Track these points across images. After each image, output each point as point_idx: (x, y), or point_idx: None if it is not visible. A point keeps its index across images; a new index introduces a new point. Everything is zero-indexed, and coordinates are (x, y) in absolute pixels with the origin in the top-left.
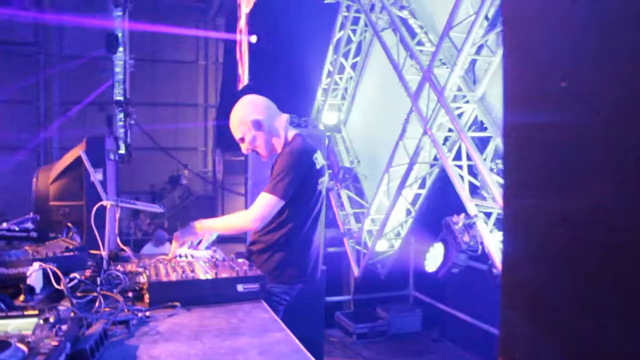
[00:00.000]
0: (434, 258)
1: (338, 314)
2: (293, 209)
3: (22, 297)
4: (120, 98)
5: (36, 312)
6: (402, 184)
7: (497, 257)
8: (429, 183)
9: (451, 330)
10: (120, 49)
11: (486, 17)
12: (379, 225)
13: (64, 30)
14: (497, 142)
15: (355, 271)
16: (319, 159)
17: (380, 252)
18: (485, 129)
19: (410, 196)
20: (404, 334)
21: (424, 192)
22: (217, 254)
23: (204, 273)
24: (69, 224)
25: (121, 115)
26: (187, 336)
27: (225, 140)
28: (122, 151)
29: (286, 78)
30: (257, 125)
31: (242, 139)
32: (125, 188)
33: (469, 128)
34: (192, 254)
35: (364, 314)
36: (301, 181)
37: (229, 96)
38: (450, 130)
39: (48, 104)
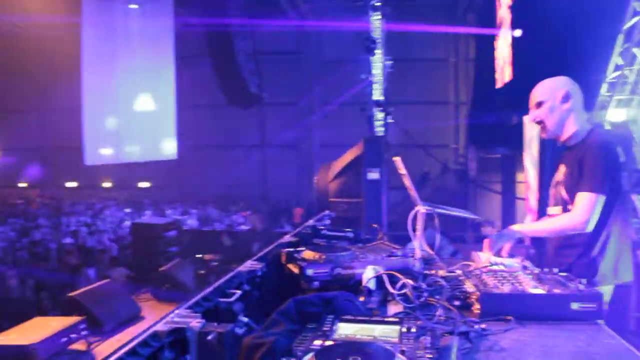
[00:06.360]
0: None
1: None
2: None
3: (362, 298)
4: (380, 98)
5: (397, 319)
6: None
7: None
8: None
9: None
10: (378, 50)
11: None
12: None
13: (322, 36)
14: None
15: None
16: (620, 153)
17: None
18: None
19: None
20: None
21: None
22: (526, 263)
23: (532, 287)
24: (375, 225)
25: (380, 115)
26: (536, 356)
27: (479, 138)
28: None
29: (556, 73)
30: (566, 98)
31: (540, 104)
32: None
33: None
34: (503, 262)
35: None
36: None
37: (483, 93)
38: None
39: (310, 105)
